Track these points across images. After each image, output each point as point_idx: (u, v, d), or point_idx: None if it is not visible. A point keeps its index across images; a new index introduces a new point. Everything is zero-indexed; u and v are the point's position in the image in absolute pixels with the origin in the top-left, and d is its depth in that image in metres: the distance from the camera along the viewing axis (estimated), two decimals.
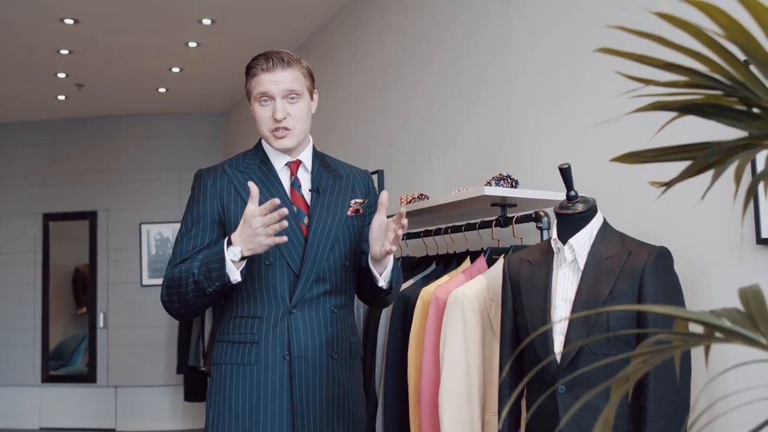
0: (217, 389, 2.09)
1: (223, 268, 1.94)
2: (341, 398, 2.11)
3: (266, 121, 2.12)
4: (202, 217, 2.12)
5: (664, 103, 0.76)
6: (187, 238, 2.11)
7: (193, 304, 2.07)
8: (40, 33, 5.22)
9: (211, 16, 5.07)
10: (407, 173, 3.96)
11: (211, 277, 1.96)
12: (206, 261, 1.98)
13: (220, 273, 1.95)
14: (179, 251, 2.10)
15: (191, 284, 1.99)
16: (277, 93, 2.10)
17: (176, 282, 2.03)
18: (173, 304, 2.08)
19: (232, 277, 1.96)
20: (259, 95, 2.11)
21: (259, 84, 2.10)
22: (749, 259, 2.02)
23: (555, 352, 1.90)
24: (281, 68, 2.10)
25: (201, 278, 1.97)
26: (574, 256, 1.97)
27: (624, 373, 0.74)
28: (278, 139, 2.13)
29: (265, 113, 2.12)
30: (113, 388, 7.43)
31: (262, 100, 2.11)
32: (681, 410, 1.80)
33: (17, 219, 7.69)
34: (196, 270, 1.98)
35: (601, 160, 2.53)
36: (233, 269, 1.96)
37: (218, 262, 1.95)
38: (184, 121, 7.78)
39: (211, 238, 2.10)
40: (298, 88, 2.12)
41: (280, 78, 2.10)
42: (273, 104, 2.10)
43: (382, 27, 4.33)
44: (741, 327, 0.70)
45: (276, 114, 2.09)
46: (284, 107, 2.10)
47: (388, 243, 1.97)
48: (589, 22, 2.66)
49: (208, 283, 1.97)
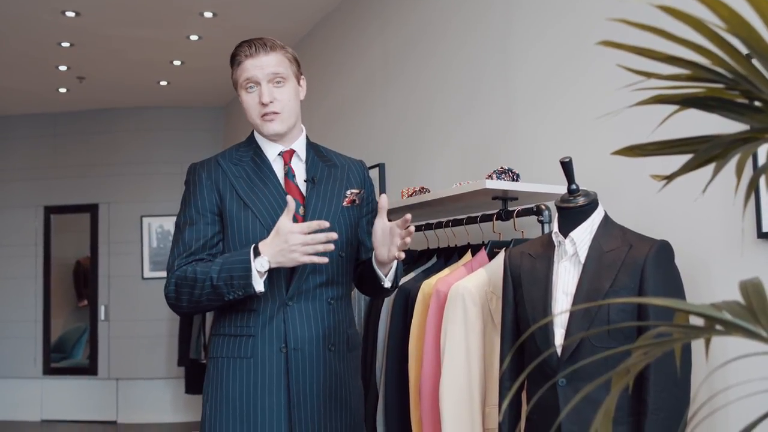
0: (214, 382, 2.07)
1: (249, 278, 1.92)
2: (339, 390, 2.09)
3: (254, 107, 2.11)
4: (201, 211, 2.10)
5: (666, 96, 0.76)
6: (189, 231, 2.08)
7: (205, 306, 2.06)
8: (41, 25, 5.22)
9: (213, 9, 5.06)
10: (408, 167, 3.96)
11: (233, 285, 1.94)
12: (229, 268, 1.95)
13: (245, 283, 1.93)
14: (183, 245, 2.07)
15: (208, 288, 1.96)
16: (262, 77, 2.08)
17: (189, 282, 2.00)
18: (181, 302, 2.05)
19: (257, 288, 1.94)
20: (245, 82, 2.09)
21: (244, 71, 2.09)
22: (750, 252, 2.02)
23: (555, 344, 1.91)
24: (264, 53, 2.08)
25: (221, 284, 1.95)
26: (575, 249, 1.97)
27: (624, 365, 0.74)
28: (267, 123, 2.10)
29: (252, 100, 2.10)
30: (114, 380, 7.44)
31: (248, 87, 2.10)
32: (681, 403, 1.81)
33: (18, 212, 7.70)
34: (215, 275, 1.95)
35: (603, 153, 2.52)
36: (258, 280, 1.94)
37: (243, 271, 1.93)
38: (186, 114, 7.78)
39: (213, 231, 2.08)
40: (283, 71, 2.10)
41: (263, 62, 2.08)
42: (259, 89, 2.09)
43: (383, 20, 4.32)
44: (741, 320, 0.70)
45: (262, 98, 2.07)
46: (270, 91, 2.08)
47: (395, 249, 1.96)
48: (590, 15, 2.66)
49: (228, 290, 1.95)
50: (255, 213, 2.07)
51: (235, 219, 2.08)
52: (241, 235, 2.07)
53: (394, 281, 2.14)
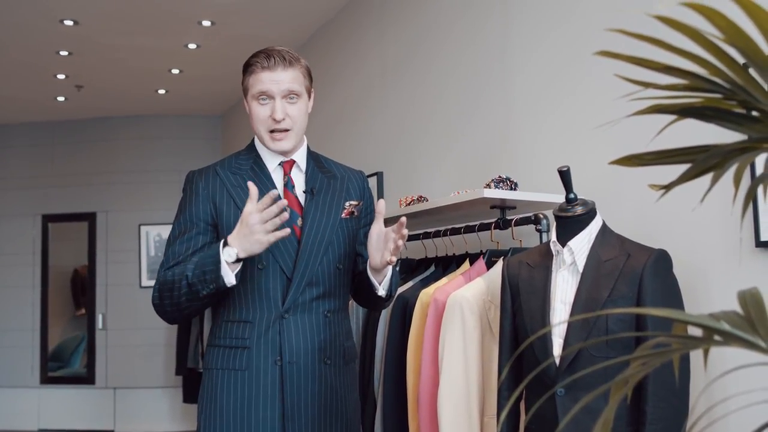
0: (208, 394, 2.06)
1: (218, 270, 1.89)
2: (334, 404, 2.07)
3: (264, 120, 2.07)
4: (194, 220, 2.08)
5: (664, 106, 0.76)
6: (180, 241, 2.06)
7: (186, 308, 2.02)
8: (39, 34, 5.22)
9: (211, 18, 5.07)
10: (407, 175, 3.96)
11: (205, 280, 1.91)
12: (201, 263, 1.93)
13: (215, 275, 1.90)
14: (171, 254, 2.05)
15: (184, 287, 1.94)
16: (277, 93, 2.05)
17: (169, 285, 1.98)
18: (165, 308, 2.03)
19: (227, 280, 1.90)
20: (258, 93, 2.06)
21: (259, 82, 2.05)
22: (748, 261, 2.02)
23: (554, 354, 1.90)
24: (282, 68, 2.05)
25: (195, 281, 1.92)
26: (573, 258, 1.97)
27: (623, 375, 0.74)
28: (276, 141, 2.08)
29: (263, 112, 2.07)
30: (112, 389, 7.42)
31: (260, 99, 2.07)
32: (680, 413, 1.80)
33: (16, 220, 7.69)
34: (190, 273, 1.93)
35: (601, 162, 2.53)
36: (228, 271, 1.90)
37: (213, 264, 1.90)
38: (184, 122, 7.78)
39: (204, 241, 2.06)
40: (298, 89, 2.08)
41: (280, 77, 2.05)
42: (272, 104, 2.06)
43: (381, 29, 4.33)
44: (740, 330, 0.70)
45: (276, 114, 2.04)
46: (284, 107, 2.05)
47: (389, 253, 1.93)
48: (588, 25, 2.66)
49: (201, 286, 1.92)
50: None
51: (233, 228, 2.04)
52: None
53: (389, 291, 2.11)
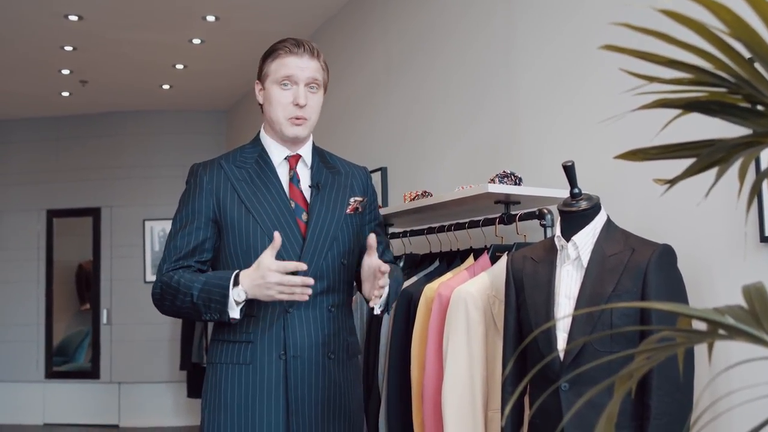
0: (213, 388, 2.07)
1: (225, 306, 1.91)
2: (338, 398, 2.08)
3: (285, 106, 2.08)
4: (196, 214, 2.08)
5: (669, 100, 0.76)
6: (181, 234, 2.08)
7: (185, 316, 2.07)
8: (44, 29, 5.23)
9: (215, 13, 5.07)
10: (411, 170, 3.96)
11: (210, 308, 1.93)
12: (208, 289, 1.93)
13: (221, 308, 1.92)
14: (173, 248, 2.07)
15: (188, 303, 1.96)
16: (302, 79, 2.07)
17: (172, 291, 1.99)
18: (164, 307, 2.05)
19: (231, 315, 1.93)
20: (282, 78, 2.07)
21: (284, 66, 2.07)
22: (753, 256, 2.02)
23: (558, 349, 1.90)
24: (309, 56, 2.08)
25: (199, 303, 1.94)
26: (577, 253, 1.97)
27: (627, 370, 0.74)
28: (294, 126, 2.09)
29: (284, 98, 2.08)
30: (116, 384, 7.45)
31: (283, 84, 2.07)
32: (684, 407, 1.80)
33: (21, 215, 7.71)
34: (196, 293, 1.94)
35: (605, 157, 2.53)
36: (234, 308, 1.92)
37: (221, 296, 1.91)
38: (188, 117, 7.79)
39: (205, 235, 2.07)
40: (320, 79, 2.11)
41: (307, 65, 2.07)
42: (295, 90, 2.07)
43: (386, 24, 4.32)
44: (744, 324, 0.70)
45: (299, 99, 2.06)
46: (306, 94, 2.08)
47: (376, 291, 1.97)
48: (593, 19, 2.66)
49: (205, 310, 1.95)
50: (256, 218, 2.05)
51: (236, 223, 2.06)
52: (242, 240, 2.06)
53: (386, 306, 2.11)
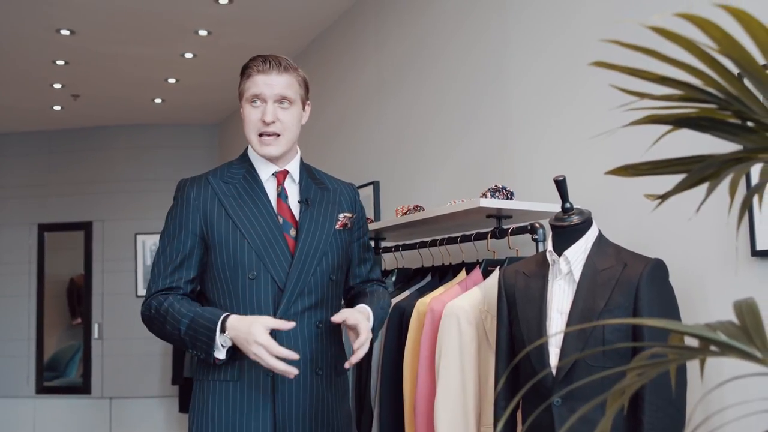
0: (200, 405, 2.06)
1: (211, 348, 1.93)
2: (325, 414, 2.07)
3: (254, 123, 2.08)
4: (183, 229, 2.08)
5: (659, 116, 0.77)
6: (170, 248, 2.08)
7: (172, 343, 2.09)
8: (36, 44, 5.22)
9: (207, 28, 5.08)
10: (403, 185, 3.97)
11: (196, 346, 1.96)
12: (195, 329, 1.95)
13: (206, 349, 1.94)
14: (162, 263, 2.07)
15: (175, 335, 1.98)
16: (269, 96, 2.06)
17: (161, 319, 2.00)
18: (153, 329, 2.07)
19: (217, 356, 1.95)
20: (251, 96, 2.07)
21: (253, 85, 2.07)
22: (744, 271, 2.02)
23: (550, 364, 1.90)
24: (277, 72, 2.07)
25: (186, 339, 1.96)
26: (569, 268, 1.97)
27: (620, 386, 0.74)
28: (264, 146, 2.09)
29: (254, 115, 2.08)
30: (108, 399, 7.39)
31: (253, 102, 2.08)
32: (677, 423, 1.80)
33: (12, 229, 7.68)
34: (184, 328, 1.95)
35: (597, 172, 2.53)
36: (220, 350, 1.94)
37: (207, 339, 1.93)
38: (180, 131, 7.78)
39: (192, 247, 2.07)
40: (291, 95, 2.09)
41: (274, 81, 2.07)
42: (264, 107, 2.07)
43: (378, 39, 4.34)
44: (736, 340, 0.70)
45: (265, 116, 2.05)
46: (274, 111, 2.06)
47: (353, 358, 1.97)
48: (584, 36, 2.67)
49: (191, 346, 1.97)
50: (243, 233, 2.04)
51: (224, 239, 2.05)
52: (230, 256, 2.04)
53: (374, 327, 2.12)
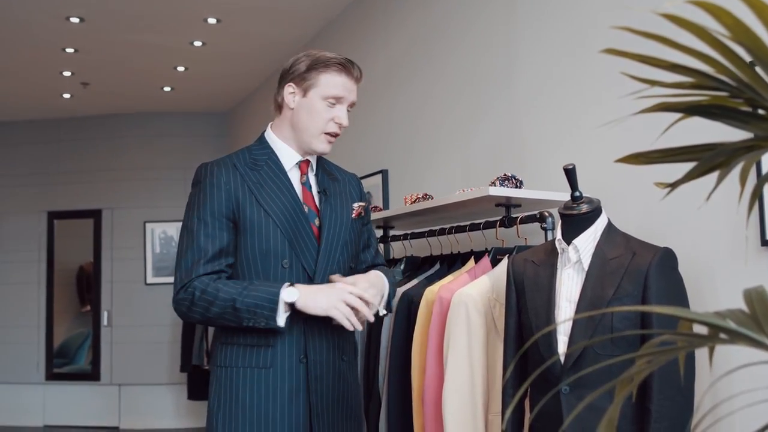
0: (227, 392, 2.05)
1: (274, 314, 1.94)
2: (349, 399, 2.15)
3: (326, 122, 2.13)
4: (217, 215, 2.05)
5: (670, 104, 0.76)
6: (205, 236, 2.03)
7: (215, 323, 2.05)
8: (46, 31, 5.23)
9: (217, 16, 5.08)
10: (412, 173, 3.96)
11: (256, 314, 1.95)
12: (255, 295, 1.95)
13: (269, 315, 1.94)
14: (198, 249, 2.02)
15: (229, 309, 1.96)
16: (347, 100, 2.14)
17: (209, 299, 1.98)
18: (193, 314, 2.03)
19: (278, 321, 1.95)
20: (331, 96, 2.11)
21: (338, 86, 2.12)
22: (754, 260, 2.02)
23: (559, 352, 1.90)
24: (359, 82, 2.17)
25: (242, 309, 1.95)
26: (578, 256, 1.97)
27: (628, 373, 0.74)
28: (327, 145, 2.16)
29: (327, 114, 2.12)
30: (117, 386, 7.44)
31: (329, 101, 2.12)
32: (685, 411, 1.80)
33: (22, 217, 7.71)
34: (240, 298, 1.95)
35: (606, 160, 2.53)
36: (282, 314, 1.95)
37: (270, 303, 1.94)
38: (189, 120, 7.79)
39: (229, 238, 2.06)
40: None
41: (354, 88, 2.16)
42: (339, 109, 2.13)
43: (387, 27, 4.33)
44: (745, 328, 0.70)
45: (343, 120, 2.13)
46: (347, 116, 2.16)
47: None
48: (594, 23, 2.66)
49: (248, 317, 1.95)
50: (276, 221, 2.06)
51: (256, 225, 2.05)
52: (261, 243, 2.06)
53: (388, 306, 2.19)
